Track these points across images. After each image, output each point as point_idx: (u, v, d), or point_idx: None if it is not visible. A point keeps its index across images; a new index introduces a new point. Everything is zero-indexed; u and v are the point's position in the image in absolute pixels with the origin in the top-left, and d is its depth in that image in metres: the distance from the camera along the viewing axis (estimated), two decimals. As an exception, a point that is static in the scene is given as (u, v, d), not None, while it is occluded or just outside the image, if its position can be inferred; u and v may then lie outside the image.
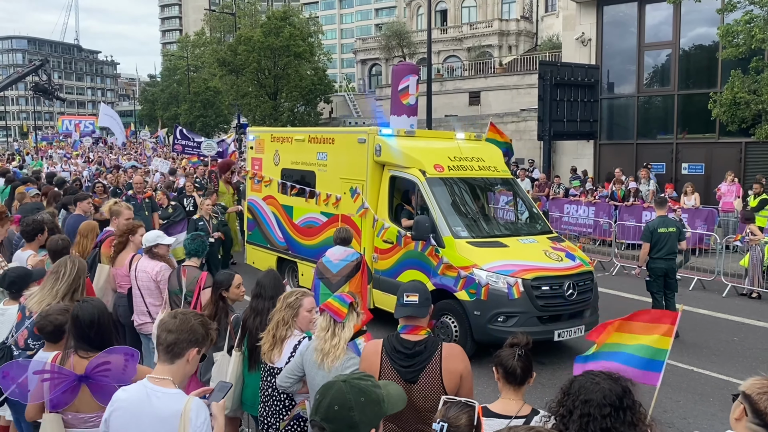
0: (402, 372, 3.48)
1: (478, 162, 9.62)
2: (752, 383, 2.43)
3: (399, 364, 3.49)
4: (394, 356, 3.51)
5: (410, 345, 3.50)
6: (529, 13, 50.48)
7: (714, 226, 14.85)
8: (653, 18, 21.14)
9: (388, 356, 3.53)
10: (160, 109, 61.43)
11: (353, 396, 2.17)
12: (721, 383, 7.61)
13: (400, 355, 3.50)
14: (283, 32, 37.48)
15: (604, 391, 2.36)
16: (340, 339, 3.60)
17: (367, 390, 2.22)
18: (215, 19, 64.93)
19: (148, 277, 5.90)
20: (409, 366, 3.47)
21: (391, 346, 3.55)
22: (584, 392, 2.39)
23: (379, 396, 2.25)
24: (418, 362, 3.46)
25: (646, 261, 9.53)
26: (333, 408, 2.17)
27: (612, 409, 2.34)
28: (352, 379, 2.28)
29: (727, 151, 19.62)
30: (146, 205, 11.27)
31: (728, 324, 10.23)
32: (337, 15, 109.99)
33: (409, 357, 3.48)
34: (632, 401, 2.40)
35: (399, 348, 3.52)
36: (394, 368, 3.49)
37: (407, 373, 3.47)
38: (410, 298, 3.58)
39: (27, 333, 4.25)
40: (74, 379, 3.35)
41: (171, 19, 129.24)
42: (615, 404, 2.35)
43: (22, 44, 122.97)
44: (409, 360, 3.48)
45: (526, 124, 27.10)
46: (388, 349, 3.55)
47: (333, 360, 3.56)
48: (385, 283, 9.09)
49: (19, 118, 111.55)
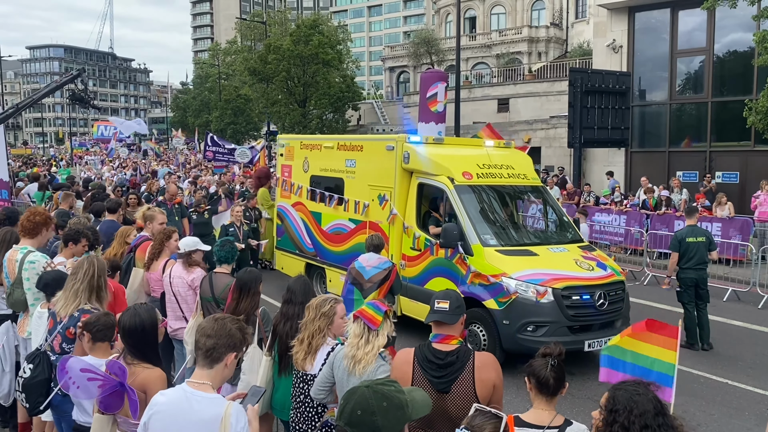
0: (434, 382, 3.46)
1: (507, 169, 9.58)
2: None
3: (431, 374, 3.47)
4: (426, 366, 3.50)
5: (442, 355, 3.49)
6: (559, 20, 50.10)
7: (749, 236, 14.52)
8: (686, 24, 20.85)
9: (420, 366, 3.52)
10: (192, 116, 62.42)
11: (376, 401, 2.19)
12: (757, 397, 7.43)
13: (432, 365, 3.49)
14: (312, 40, 37.81)
15: (654, 402, 2.48)
16: (374, 346, 3.60)
17: (390, 395, 2.23)
18: (246, 27, 65.74)
19: (183, 283, 5.94)
20: (441, 376, 3.46)
21: (423, 356, 3.53)
22: (637, 406, 2.48)
23: (403, 401, 2.26)
24: (450, 372, 3.45)
25: (676, 271, 9.39)
26: (356, 413, 2.18)
27: (663, 418, 2.45)
28: (375, 385, 2.30)
29: (763, 160, 19.21)
30: (176, 210, 11.46)
31: (764, 336, 9.99)
32: (365, 23, 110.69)
33: (441, 367, 3.47)
34: (661, 405, 2.52)
35: (431, 358, 3.50)
36: (427, 378, 3.48)
37: (440, 384, 3.46)
38: (441, 304, 3.57)
39: (60, 338, 4.33)
40: (116, 384, 3.39)
41: (203, 27, 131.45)
42: (662, 412, 2.47)
43: (58, 52, 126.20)
44: (441, 370, 3.46)
45: (556, 131, 26.89)
46: (419, 358, 3.54)
47: (365, 366, 3.56)
48: (412, 291, 9.08)
49: (55, 125, 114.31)
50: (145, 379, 3.51)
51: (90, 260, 4.58)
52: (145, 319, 3.61)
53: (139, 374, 3.52)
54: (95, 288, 4.46)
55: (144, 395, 3.42)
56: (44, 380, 4.22)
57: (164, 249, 6.44)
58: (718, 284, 12.76)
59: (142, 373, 3.53)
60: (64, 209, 9.01)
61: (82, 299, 4.38)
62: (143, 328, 3.59)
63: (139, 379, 3.51)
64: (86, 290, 4.40)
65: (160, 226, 6.99)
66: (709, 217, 15.10)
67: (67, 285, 4.47)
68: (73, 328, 4.23)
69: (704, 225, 14.88)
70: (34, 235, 5.71)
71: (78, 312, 4.29)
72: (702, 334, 9.23)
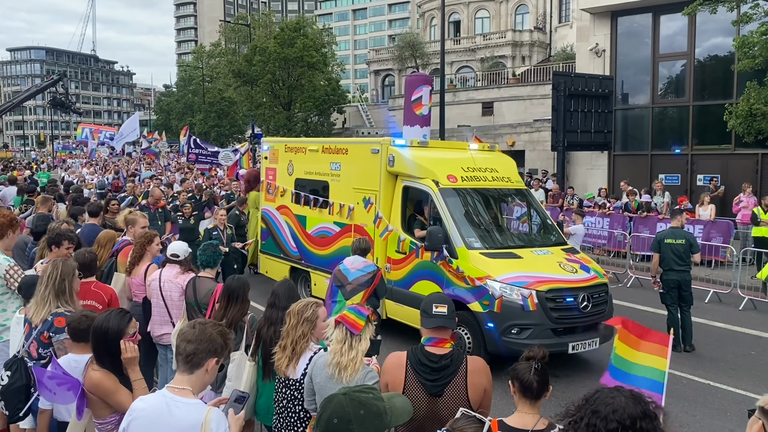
0: (427, 386, 3.45)
1: (492, 173, 9.61)
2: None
3: (424, 378, 3.45)
4: (420, 369, 3.48)
5: (436, 358, 3.47)
6: (542, 24, 50.45)
7: (730, 238, 14.68)
8: (668, 29, 21.08)
9: (413, 369, 3.50)
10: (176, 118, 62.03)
11: (353, 409, 2.16)
12: (738, 397, 7.50)
13: (425, 369, 3.47)
14: (297, 43, 37.74)
15: (615, 407, 2.25)
16: (358, 352, 3.55)
17: (367, 403, 2.21)
18: (230, 30, 65.53)
19: (176, 288, 5.84)
20: (434, 380, 3.44)
21: (416, 359, 3.51)
22: (597, 403, 2.33)
23: (381, 409, 2.23)
24: (444, 376, 3.44)
25: (660, 273, 9.47)
26: (332, 421, 2.16)
27: (620, 427, 2.22)
28: (353, 392, 2.27)
29: (743, 163, 19.45)
30: (159, 214, 11.35)
31: (745, 337, 10.10)
32: (350, 26, 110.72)
33: (434, 371, 3.45)
34: (651, 427, 2.25)
35: (424, 361, 3.48)
36: (419, 381, 3.46)
37: (433, 387, 3.44)
38: (439, 308, 3.55)
39: (36, 343, 4.25)
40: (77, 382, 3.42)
41: (186, 30, 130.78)
42: (624, 423, 2.22)
43: (40, 55, 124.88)
44: (435, 374, 3.45)
45: (540, 135, 27.05)
46: (413, 362, 3.52)
47: (352, 373, 3.50)
48: (397, 294, 9.07)
49: (37, 128, 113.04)
50: (92, 379, 3.52)
51: (55, 263, 4.51)
52: (111, 327, 3.57)
53: (91, 375, 3.54)
54: (62, 291, 4.37)
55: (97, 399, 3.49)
56: (23, 386, 4.15)
57: (145, 253, 6.36)
58: (699, 286, 12.87)
59: (90, 374, 3.54)
60: (43, 213, 8.89)
61: (52, 303, 4.31)
62: (105, 335, 3.56)
63: (89, 379, 3.53)
64: (53, 294, 4.33)
65: (142, 230, 6.90)
66: (692, 220, 15.25)
67: (38, 290, 4.42)
68: (47, 333, 4.17)
69: (687, 227, 15.06)
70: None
71: (51, 316, 4.22)
72: (684, 335, 9.31)
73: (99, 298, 5.16)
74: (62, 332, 4.07)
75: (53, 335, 4.13)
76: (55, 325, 4.14)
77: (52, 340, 4.14)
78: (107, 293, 5.29)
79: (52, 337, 4.14)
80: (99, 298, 5.17)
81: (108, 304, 5.12)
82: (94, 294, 5.17)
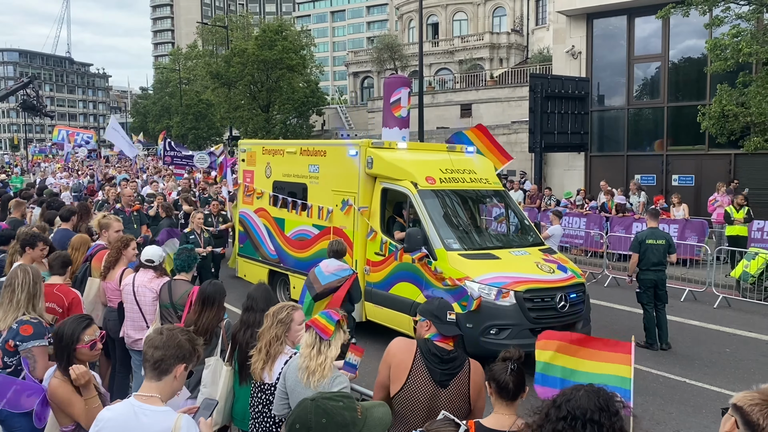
0: (436, 373, 3.56)
1: (470, 174, 9.64)
2: (743, 395, 2.41)
3: (435, 366, 3.57)
4: (430, 358, 3.59)
5: (445, 352, 3.61)
6: (519, 27, 50.83)
7: (705, 237, 14.90)
8: (642, 31, 21.36)
9: (423, 357, 3.59)
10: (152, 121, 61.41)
11: (315, 416, 2.14)
12: (713, 395, 7.60)
13: (435, 359, 3.59)
14: (277, 45, 37.58)
15: (569, 397, 2.29)
16: (326, 357, 3.57)
17: (332, 412, 2.17)
18: (207, 32, 65.01)
19: (150, 293, 5.76)
20: (444, 369, 3.57)
21: (427, 349, 3.61)
22: (559, 396, 2.35)
23: (346, 419, 2.19)
24: (452, 367, 3.58)
25: (636, 272, 9.58)
26: (295, 426, 2.14)
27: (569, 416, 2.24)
28: (322, 398, 2.23)
29: (716, 163, 19.77)
30: (134, 218, 11.22)
31: (720, 335, 10.25)
32: (329, 28, 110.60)
33: (444, 361, 3.58)
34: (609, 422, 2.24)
35: (435, 351, 3.60)
36: (428, 368, 3.57)
37: (441, 375, 3.55)
38: (451, 315, 3.72)
39: (1, 352, 4.14)
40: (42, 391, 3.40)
41: (163, 31, 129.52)
42: (574, 413, 2.24)
43: (13, 57, 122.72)
44: (444, 364, 3.58)
45: (518, 136, 27.23)
46: (423, 350, 3.62)
47: (319, 378, 3.52)
48: (377, 296, 9.06)
49: (10, 131, 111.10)
50: (50, 386, 3.50)
51: (23, 269, 4.42)
52: (65, 332, 3.54)
53: (51, 383, 3.52)
54: (32, 295, 4.29)
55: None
56: None
57: (121, 257, 6.27)
58: (675, 285, 13.05)
59: (51, 381, 3.52)
60: (16, 218, 8.73)
61: (22, 309, 4.22)
62: (60, 340, 3.53)
63: (49, 387, 3.51)
64: (26, 300, 4.25)
65: (117, 234, 6.81)
66: (667, 219, 15.46)
67: (4, 297, 4.30)
68: (12, 341, 4.05)
69: (663, 226, 15.27)
70: None
71: (16, 324, 4.11)
72: (660, 334, 9.43)
73: (59, 301, 5.08)
74: (29, 341, 3.99)
75: (20, 343, 4.02)
76: (20, 333, 4.03)
77: (18, 349, 4.03)
78: (68, 297, 5.19)
79: (18, 345, 4.02)
80: (59, 300, 5.09)
81: (68, 308, 5.03)
82: (55, 297, 5.08)
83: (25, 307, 4.23)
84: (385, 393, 3.67)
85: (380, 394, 3.70)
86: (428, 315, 3.74)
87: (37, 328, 4.08)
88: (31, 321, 4.11)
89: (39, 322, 4.15)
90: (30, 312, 4.23)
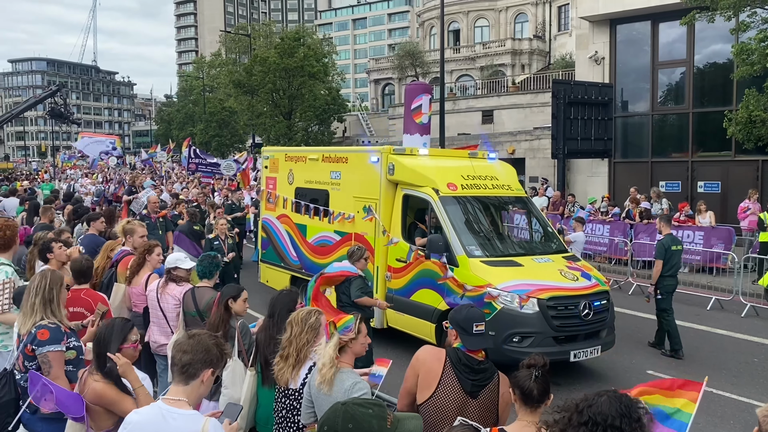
0: (465, 383, 3.52)
1: (492, 180, 9.60)
2: (764, 407, 2.40)
3: (466, 376, 3.53)
4: (460, 368, 3.55)
5: (476, 362, 3.57)
6: (542, 32, 50.64)
7: (731, 245, 14.65)
8: (667, 36, 21.14)
9: (453, 366, 3.56)
10: (176, 128, 62.15)
11: (342, 421, 2.15)
12: (741, 405, 7.46)
13: (466, 368, 3.55)
14: (297, 53, 37.87)
15: (591, 403, 2.30)
16: (325, 358, 3.56)
17: (360, 418, 2.18)
18: (230, 40, 65.78)
19: (172, 299, 5.80)
20: (475, 379, 3.53)
21: (458, 358, 3.58)
22: (582, 401, 2.35)
23: (374, 427, 2.19)
24: (482, 378, 3.55)
25: (658, 278, 9.53)
26: (323, 428, 2.16)
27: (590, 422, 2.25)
28: (352, 404, 2.25)
29: (743, 169, 19.46)
30: (160, 224, 11.33)
31: (748, 345, 10.06)
32: (350, 35, 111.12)
33: (475, 371, 3.55)
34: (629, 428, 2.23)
35: (465, 361, 3.56)
36: (458, 378, 3.53)
37: (472, 386, 3.52)
38: (480, 327, 3.63)
39: (22, 356, 4.18)
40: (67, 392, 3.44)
41: (187, 40, 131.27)
42: (596, 419, 2.24)
43: (41, 66, 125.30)
44: (475, 374, 3.54)
45: (540, 143, 27.07)
46: (453, 360, 3.58)
47: (324, 382, 3.49)
48: (398, 303, 9.05)
49: (38, 138, 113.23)
50: (95, 390, 3.49)
51: (43, 274, 4.44)
52: (113, 330, 3.59)
53: (89, 385, 3.51)
54: (50, 300, 4.27)
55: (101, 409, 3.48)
56: (11, 400, 4.09)
57: (146, 263, 6.34)
58: (701, 293, 12.87)
59: (92, 385, 3.50)
60: (45, 223, 8.90)
61: (39, 313, 4.20)
62: (107, 338, 3.58)
63: (89, 390, 3.50)
64: (41, 305, 4.22)
65: (141, 240, 6.89)
66: (693, 227, 15.24)
67: (25, 300, 4.32)
68: (30, 345, 4.06)
69: (687, 234, 15.07)
70: (7, 249, 5.68)
71: (35, 328, 4.11)
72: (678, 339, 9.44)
73: (88, 306, 5.14)
74: (45, 345, 4.00)
75: (36, 348, 4.02)
76: (38, 338, 4.03)
77: (35, 353, 4.03)
78: (96, 301, 5.25)
79: (35, 350, 4.03)
80: (88, 305, 5.14)
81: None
82: (84, 301, 5.14)
83: (43, 312, 4.20)
84: (411, 400, 3.65)
85: (405, 401, 3.69)
86: (455, 325, 3.69)
87: (54, 333, 4.07)
88: (48, 326, 4.12)
89: (57, 327, 4.15)
90: (49, 317, 4.21)
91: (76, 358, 4.21)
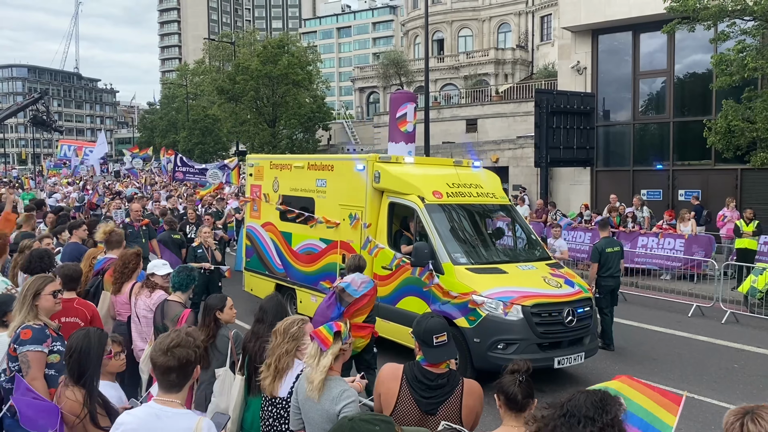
0: (421, 402, 3.43)
1: (477, 188, 9.67)
2: (729, 413, 2.51)
3: (420, 394, 3.44)
4: (415, 385, 3.46)
5: (433, 377, 3.46)
6: (524, 42, 51.12)
7: (712, 253, 14.86)
8: (648, 46, 21.44)
9: (408, 384, 3.48)
10: (159, 136, 61.76)
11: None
12: (722, 410, 7.51)
13: (421, 386, 3.45)
14: (281, 60, 37.86)
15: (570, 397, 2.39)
16: (321, 366, 3.50)
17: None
18: (214, 48, 65.65)
19: (146, 306, 5.82)
20: (429, 397, 3.43)
21: (413, 375, 3.49)
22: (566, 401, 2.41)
23: None
24: (439, 394, 3.44)
25: (595, 279, 10.07)
26: None
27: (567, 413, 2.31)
28: (359, 420, 2.26)
29: (723, 178, 19.75)
30: (143, 232, 11.25)
31: (728, 351, 10.20)
32: (335, 44, 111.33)
33: (430, 388, 3.44)
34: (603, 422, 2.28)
35: (421, 378, 3.46)
36: (414, 398, 3.45)
37: (427, 404, 3.43)
38: (440, 338, 3.48)
39: (7, 358, 4.12)
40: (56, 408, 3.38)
41: (170, 47, 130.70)
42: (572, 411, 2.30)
43: (22, 72, 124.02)
44: (431, 391, 3.44)
45: (523, 151, 27.29)
46: (409, 377, 3.50)
47: (313, 389, 3.45)
48: (384, 310, 9.05)
49: (18, 146, 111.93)
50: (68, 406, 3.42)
51: (34, 278, 4.46)
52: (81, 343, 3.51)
53: (64, 400, 3.43)
54: (28, 305, 4.25)
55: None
56: None
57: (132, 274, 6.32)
58: (682, 300, 13.02)
59: (66, 402, 3.43)
60: (27, 231, 8.82)
61: (24, 316, 4.20)
62: (87, 351, 3.51)
63: (65, 406, 3.43)
64: (25, 309, 4.21)
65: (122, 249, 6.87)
66: (674, 234, 15.42)
67: (16, 306, 4.34)
68: (13, 345, 4.02)
69: (668, 241, 15.26)
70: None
71: (20, 329, 4.09)
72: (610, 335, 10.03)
73: (81, 315, 5.12)
74: (25, 344, 3.96)
75: (17, 347, 3.98)
76: (20, 337, 4.00)
77: (17, 353, 3.99)
78: (89, 310, 5.24)
79: (17, 349, 3.99)
80: (81, 315, 5.12)
81: (90, 322, 5.07)
82: (77, 311, 5.12)
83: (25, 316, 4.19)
84: None
85: None
86: (416, 337, 3.58)
87: (37, 334, 4.03)
88: (33, 326, 4.08)
89: (42, 328, 4.11)
90: (33, 320, 4.18)
91: (59, 362, 4.17)
